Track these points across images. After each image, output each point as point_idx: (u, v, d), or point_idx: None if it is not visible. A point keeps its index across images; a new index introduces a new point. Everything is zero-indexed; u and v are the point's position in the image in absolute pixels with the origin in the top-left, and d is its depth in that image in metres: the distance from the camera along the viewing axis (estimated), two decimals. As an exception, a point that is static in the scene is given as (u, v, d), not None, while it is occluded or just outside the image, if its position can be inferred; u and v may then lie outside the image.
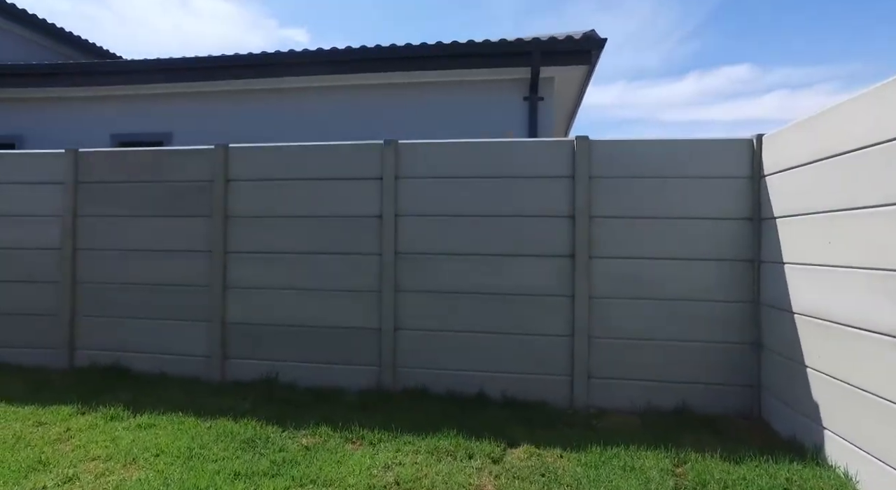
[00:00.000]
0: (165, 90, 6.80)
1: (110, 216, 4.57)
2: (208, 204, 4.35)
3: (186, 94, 6.82)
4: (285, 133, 5.51)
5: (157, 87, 6.77)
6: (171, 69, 6.50)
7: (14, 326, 4.75)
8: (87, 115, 7.05)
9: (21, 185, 4.76)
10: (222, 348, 4.29)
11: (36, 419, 3.45)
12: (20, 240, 4.74)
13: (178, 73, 6.52)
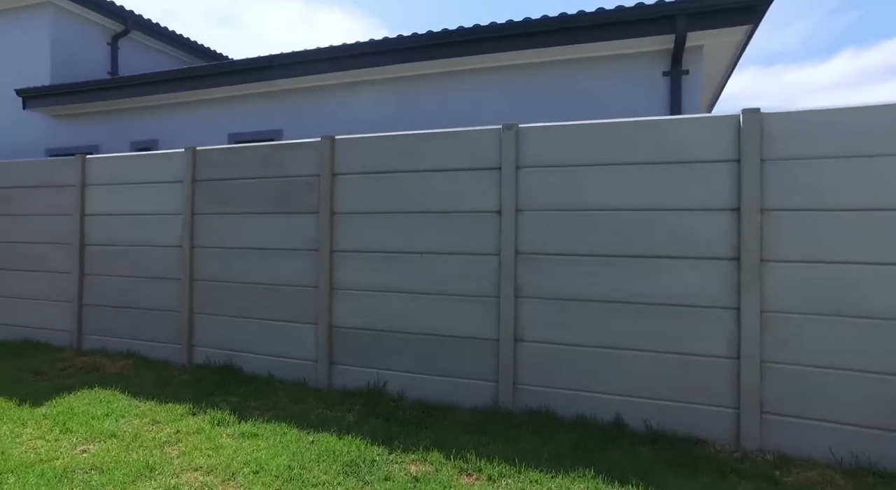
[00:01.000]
0: (274, 87, 6.92)
1: (223, 214, 4.59)
2: (315, 200, 4.17)
3: (294, 90, 6.89)
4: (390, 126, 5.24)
5: (266, 85, 6.91)
6: (277, 65, 6.57)
7: (147, 321, 4.96)
8: (208, 116, 7.42)
9: (148, 185, 4.97)
10: (329, 353, 4.08)
11: (153, 417, 3.44)
12: (149, 237, 4.95)
13: (285, 69, 6.58)
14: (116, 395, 3.84)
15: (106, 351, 5.10)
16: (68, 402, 3.70)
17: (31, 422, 3.36)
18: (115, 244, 5.15)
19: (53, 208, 5.49)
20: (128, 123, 7.78)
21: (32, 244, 5.61)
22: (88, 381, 4.19)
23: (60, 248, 5.43)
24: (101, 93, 7.49)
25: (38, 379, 4.32)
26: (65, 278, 5.40)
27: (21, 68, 8.32)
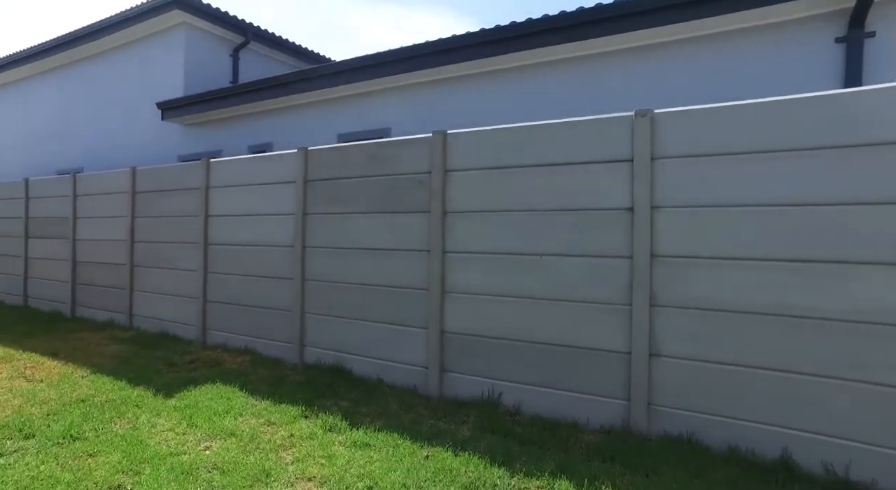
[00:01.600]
0: (380, 86, 6.96)
1: (333, 213, 4.60)
2: (425, 198, 4.01)
3: (400, 87, 6.88)
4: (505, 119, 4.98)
5: (372, 84, 6.96)
6: (383, 62, 6.57)
7: (262, 319, 5.13)
8: (318, 118, 7.66)
9: (264, 186, 5.13)
10: (440, 360, 3.91)
11: (268, 418, 3.47)
12: (264, 237, 5.11)
13: (391, 66, 6.57)
14: (235, 392, 3.95)
15: (226, 346, 5.36)
16: (194, 396, 3.86)
17: (164, 413, 3.52)
18: (233, 244, 5.39)
19: (184, 210, 5.89)
20: (246, 128, 8.28)
21: (168, 243, 6.07)
22: (211, 375, 4.38)
23: (189, 247, 5.81)
24: (223, 100, 8.03)
25: (170, 370, 4.60)
26: (192, 276, 5.76)
27: (159, 84, 9.17)
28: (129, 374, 4.42)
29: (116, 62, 10.24)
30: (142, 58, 9.71)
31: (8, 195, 8.57)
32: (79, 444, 3.01)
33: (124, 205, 6.52)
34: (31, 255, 8.05)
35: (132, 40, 9.79)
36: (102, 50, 10.36)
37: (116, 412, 3.52)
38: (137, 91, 9.69)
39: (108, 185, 6.80)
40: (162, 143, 9.13)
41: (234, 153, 5.96)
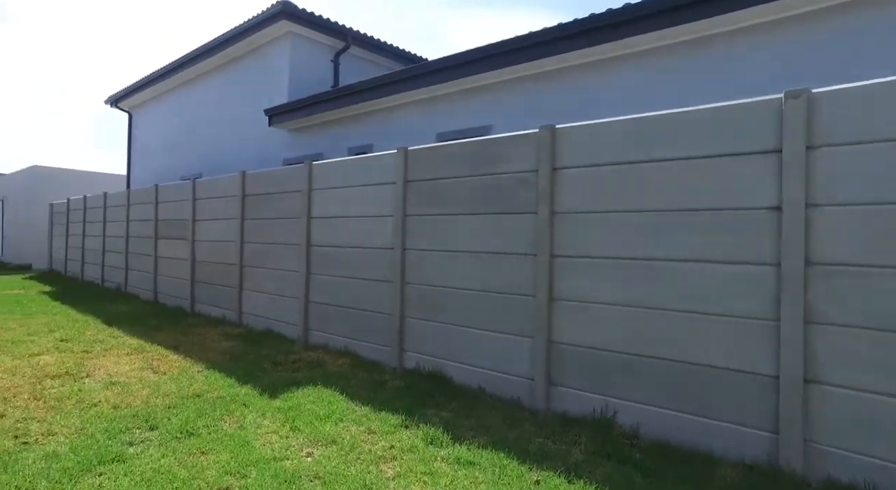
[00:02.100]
0: (480, 82, 6.78)
1: (433, 215, 4.48)
2: (532, 198, 3.76)
3: (501, 83, 6.65)
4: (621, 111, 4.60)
5: (471, 81, 6.80)
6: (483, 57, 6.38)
7: (361, 321, 5.16)
8: (416, 117, 7.66)
9: (363, 187, 5.14)
10: (546, 372, 3.63)
11: (368, 425, 3.40)
12: (364, 239, 5.13)
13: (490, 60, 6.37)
14: (336, 396, 3.94)
15: (327, 347, 5.45)
16: (297, 398, 3.90)
17: (269, 414, 3.58)
18: (334, 245, 5.47)
19: (288, 212, 6.10)
20: (346, 131, 8.50)
21: (273, 245, 6.33)
22: (313, 377, 4.43)
23: (293, 248, 6.00)
24: (324, 104, 8.30)
25: (275, 369, 4.74)
26: (295, 276, 5.94)
27: (266, 92, 9.72)
28: (238, 371, 4.60)
29: (230, 75, 11.02)
30: (251, 69, 10.36)
31: (141, 200, 9.49)
32: (193, 441, 3.11)
33: (235, 207, 6.90)
34: (159, 255, 8.84)
35: (242, 54, 10.48)
36: (218, 64, 11.20)
37: (226, 410, 3.64)
38: (247, 100, 10.35)
39: (221, 188, 7.25)
40: (268, 148, 9.66)
41: (335, 156, 6.08)
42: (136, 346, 5.52)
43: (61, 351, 5.27)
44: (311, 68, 9.43)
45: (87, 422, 3.37)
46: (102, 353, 5.24)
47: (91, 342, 5.64)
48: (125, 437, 3.16)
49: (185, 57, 11.53)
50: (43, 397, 3.86)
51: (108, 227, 10.96)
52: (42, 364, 4.76)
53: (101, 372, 4.56)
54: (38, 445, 3.03)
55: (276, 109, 8.98)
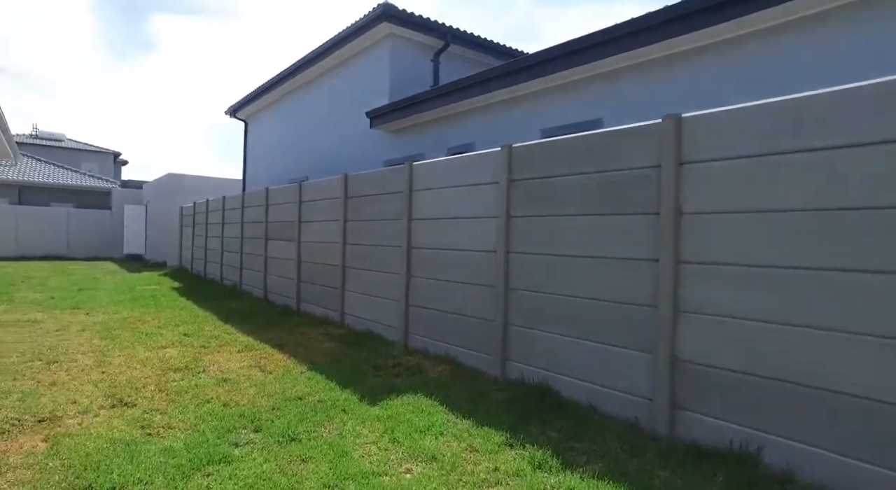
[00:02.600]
0: (588, 72, 6.34)
1: (539, 216, 4.19)
2: (652, 197, 3.35)
3: (611, 72, 6.17)
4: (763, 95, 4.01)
5: (577, 72, 6.38)
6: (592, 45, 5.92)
7: (461, 327, 5.00)
8: (519, 114, 7.37)
9: (465, 188, 4.97)
10: (669, 393, 3.21)
11: (470, 442, 3.21)
12: (464, 241, 4.96)
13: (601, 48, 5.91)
14: (436, 407, 3.80)
15: (426, 352, 5.35)
16: (396, 406, 3.81)
17: (368, 422, 3.51)
18: (434, 247, 5.36)
19: (389, 213, 6.10)
20: (446, 130, 8.42)
21: (374, 246, 6.38)
22: (412, 384, 4.33)
23: (393, 250, 5.99)
24: (424, 104, 8.28)
25: (374, 374, 4.71)
26: (395, 279, 5.93)
27: (367, 95, 9.94)
28: (339, 374, 4.62)
29: (333, 81, 11.45)
30: (353, 73, 10.67)
31: (254, 203, 10.12)
32: (294, 447, 3.10)
33: (338, 209, 7.06)
34: (269, 255, 9.36)
35: (345, 59, 10.82)
36: (323, 71, 11.68)
37: (326, 416, 3.62)
38: (349, 104, 10.67)
39: (325, 191, 7.47)
40: (370, 150, 9.87)
41: (435, 156, 6.00)
42: (246, 343, 5.80)
43: (183, 345, 5.66)
44: (412, 69, 9.49)
45: (200, 418, 3.50)
46: (217, 348, 5.55)
47: (208, 338, 6.02)
48: (232, 437, 3.22)
49: (292, 66, 12.17)
50: (166, 390, 4.11)
51: (225, 229, 11.85)
52: (167, 357, 5.12)
53: (214, 368, 4.80)
54: (158, 438, 3.18)
55: (377, 111, 9.14)
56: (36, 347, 5.38)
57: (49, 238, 21.14)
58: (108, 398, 3.87)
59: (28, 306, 8.16)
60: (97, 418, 3.49)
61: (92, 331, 6.31)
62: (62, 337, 5.94)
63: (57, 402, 3.76)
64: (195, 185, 17.84)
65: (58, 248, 21.24)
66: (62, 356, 5.04)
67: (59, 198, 24.83)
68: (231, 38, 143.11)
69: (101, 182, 27.02)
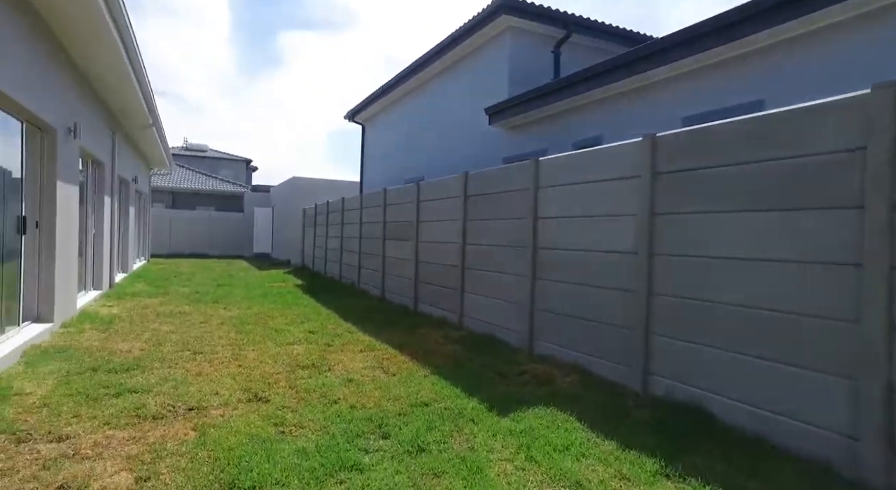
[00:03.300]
0: (745, 48, 5.56)
1: (690, 213, 3.69)
2: (853, 186, 2.75)
3: (771, 47, 5.35)
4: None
5: (730, 49, 5.63)
6: (757, 13, 5.14)
7: (594, 334, 4.61)
8: (653, 103, 6.74)
9: (598, 183, 4.57)
10: (887, 432, 2.60)
11: (618, 468, 2.85)
12: (598, 242, 4.57)
13: (752, 22, 5.14)
14: (572, 422, 3.46)
15: (554, 359, 5.01)
16: (528, 419, 3.53)
17: (500, 436, 3.27)
18: (562, 248, 5.01)
19: (511, 212, 5.84)
20: (569, 125, 7.98)
21: (496, 247, 6.16)
22: (542, 395, 4.03)
23: (517, 250, 5.72)
24: (546, 97, 7.90)
25: (501, 382, 4.47)
26: (519, 281, 5.65)
27: (485, 91, 9.76)
28: (463, 379, 4.44)
29: (449, 79, 11.43)
30: (470, 70, 10.55)
31: (372, 203, 10.39)
32: (424, 459, 2.94)
33: (457, 208, 6.94)
34: (387, 255, 9.53)
35: (462, 56, 10.74)
36: (439, 71, 11.72)
37: (455, 425, 3.44)
38: (466, 102, 10.57)
39: (444, 190, 7.39)
40: (488, 147, 9.68)
41: (557, 152, 5.63)
42: (368, 343, 5.84)
43: (309, 342, 5.83)
44: (531, 62, 9.15)
45: (329, 420, 3.48)
46: (340, 347, 5.65)
47: (332, 336, 6.17)
48: (361, 442, 3.14)
49: (408, 68, 12.38)
50: (296, 387, 4.19)
51: (344, 229, 12.33)
52: (295, 354, 5.28)
53: (339, 367, 4.85)
54: (291, 438, 3.19)
55: (496, 107, 8.90)
56: (185, 338, 5.84)
57: (194, 238, 23.65)
58: (245, 392, 4.02)
59: (179, 299, 9.02)
60: (236, 411, 3.61)
61: (229, 325, 6.75)
62: (205, 329, 6.41)
63: (202, 392, 3.97)
64: (316, 188, 18.94)
65: (201, 247, 23.68)
66: (206, 347, 5.40)
67: (203, 202, 27.78)
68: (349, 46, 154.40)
69: (236, 187, 29.82)
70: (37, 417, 3.39)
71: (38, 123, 5.66)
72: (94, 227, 8.82)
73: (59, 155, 6.04)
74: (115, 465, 2.76)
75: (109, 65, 6.88)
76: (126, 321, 6.79)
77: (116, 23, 5.71)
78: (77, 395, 3.80)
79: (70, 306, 6.76)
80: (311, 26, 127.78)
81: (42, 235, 5.85)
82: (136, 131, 11.29)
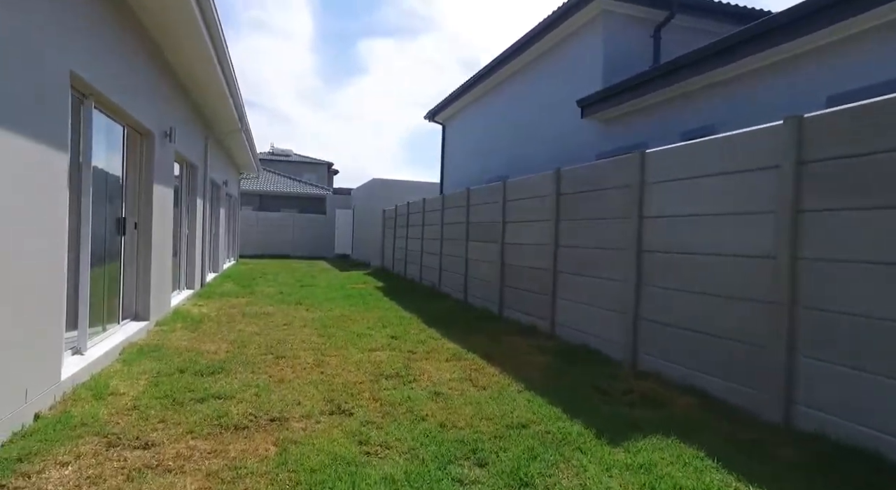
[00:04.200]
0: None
1: (853, 209, 3.04)
2: None
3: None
4: None
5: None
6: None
7: (714, 351, 4.03)
8: (778, 83, 5.91)
9: (722, 177, 3.98)
10: None
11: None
12: (723, 244, 3.97)
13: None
14: (702, 460, 2.93)
15: (661, 376, 4.46)
16: (646, 451, 3.04)
17: (615, 471, 2.82)
18: (675, 251, 4.44)
19: (611, 211, 5.33)
20: (674, 114, 7.24)
21: (592, 249, 5.65)
22: (656, 420, 3.51)
23: (618, 253, 5.20)
24: (647, 85, 7.21)
25: (604, 401, 3.99)
26: (620, 287, 5.12)
27: (575, 82, 9.18)
28: (562, 396, 4.01)
29: (533, 74, 10.94)
30: (557, 62, 10.00)
31: (454, 204, 10.13)
32: (529, 495, 2.56)
33: (548, 208, 6.48)
34: (469, 257, 9.22)
35: (549, 48, 10.21)
36: (523, 65, 11.25)
37: (559, 454, 3.02)
38: (552, 96, 10.03)
39: (533, 188, 6.95)
40: (578, 143, 9.09)
41: (660, 145, 5.04)
42: (454, 351, 5.53)
43: (392, 349, 5.61)
44: (627, 49, 8.45)
45: (417, 440, 3.17)
46: (425, 355, 5.38)
47: (415, 342, 5.92)
48: (454, 470, 2.80)
49: (489, 64, 12.00)
50: (380, 399, 3.94)
51: (425, 230, 12.18)
52: (378, 361, 5.07)
53: (425, 378, 4.56)
54: (377, 460, 2.91)
55: (590, 99, 8.27)
56: (268, 341, 5.81)
57: (279, 239, 24.64)
58: (328, 403, 3.82)
59: (264, 300, 9.21)
60: (318, 425, 3.40)
61: (311, 327, 6.70)
62: (288, 332, 6.39)
63: (284, 401, 3.81)
64: (396, 189, 19.05)
65: (285, 248, 24.62)
66: (288, 352, 5.32)
67: (287, 204, 28.95)
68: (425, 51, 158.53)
69: (318, 190, 30.87)
70: (127, 420, 3.35)
71: (138, 128, 5.87)
72: (188, 229, 9.20)
73: (156, 158, 6.25)
74: (196, 483, 2.60)
75: (202, 72, 7.08)
76: (214, 321, 6.93)
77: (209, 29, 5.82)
78: (164, 398, 3.77)
79: (164, 305, 7.01)
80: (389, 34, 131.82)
81: (140, 236, 6.06)
82: (225, 136, 11.76)
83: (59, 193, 3.67)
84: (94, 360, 4.39)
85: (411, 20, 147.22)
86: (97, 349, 4.64)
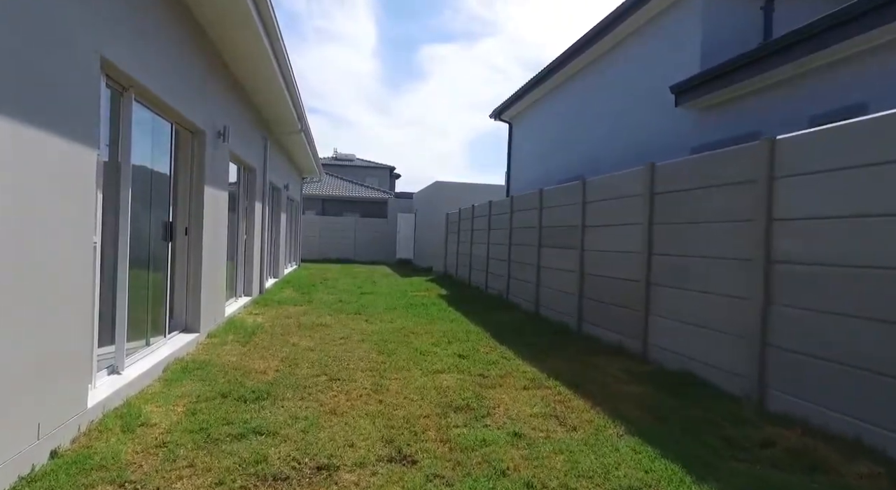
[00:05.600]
0: None
1: None
2: None
3: None
4: None
5: None
6: None
7: (885, 394, 3.07)
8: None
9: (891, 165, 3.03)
10: None
11: None
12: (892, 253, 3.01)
13: None
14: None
15: (806, 424, 3.52)
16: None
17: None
18: (826, 263, 3.49)
19: (724, 212, 4.41)
20: (796, 95, 6.09)
21: (698, 258, 4.74)
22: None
23: (733, 263, 4.28)
24: (763, 62, 6.10)
25: (734, 455, 3.13)
26: (738, 304, 4.20)
27: (666, 68, 8.17)
28: (675, 446, 3.19)
29: (611, 64, 9.98)
30: (643, 47, 9.00)
31: (525, 206, 9.35)
32: None
33: (639, 210, 5.60)
34: (542, 265, 8.40)
35: (631, 32, 9.23)
36: (597, 56, 10.32)
37: (700, 545, 2.22)
38: (635, 85, 9.05)
39: (619, 188, 6.08)
40: (667, 136, 8.06)
41: (776, 132, 4.08)
42: (532, 376, 4.77)
43: (460, 371, 4.93)
44: (731, 25, 7.34)
45: (500, 509, 2.47)
46: (498, 380, 4.65)
47: (486, 363, 5.20)
48: (556, 564, 2.08)
49: (561, 56, 11.13)
50: (448, 441, 3.26)
51: (491, 235, 11.44)
52: (444, 386, 4.40)
53: (500, 411, 3.85)
54: (446, 535, 2.23)
55: (688, 83, 7.16)
56: (322, 358, 5.28)
57: (341, 243, 24.64)
58: (386, 445, 3.18)
59: (322, 308, 8.78)
60: (374, 479, 2.76)
61: (370, 342, 6.13)
62: (345, 347, 5.84)
63: (335, 442, 3.20)
64: (459, 192, 18.44)
65: (346, 252, 24.59)
66: (343, 373, 4.74)
67: (350, 208, 29.04)
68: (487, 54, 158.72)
69: (380, 194, 30.81)
70: (150, 463, 2.85)
71: (188, 125, 5.52)
72: (246, 234, 8.94)
73: (208, 159, 5.89)
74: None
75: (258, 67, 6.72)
76: (268, 333, 6.50)
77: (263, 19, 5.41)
78: (199, 432, 3.25)
79: (217, 315, 6.66)
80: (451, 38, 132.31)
81: (190, 242, 5.71)
82: (285, 138, 11.54)
83: (87, 193, 3.24)
84: (132, 380, 3.97)
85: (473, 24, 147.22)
86: (136, 367, 4.24)
